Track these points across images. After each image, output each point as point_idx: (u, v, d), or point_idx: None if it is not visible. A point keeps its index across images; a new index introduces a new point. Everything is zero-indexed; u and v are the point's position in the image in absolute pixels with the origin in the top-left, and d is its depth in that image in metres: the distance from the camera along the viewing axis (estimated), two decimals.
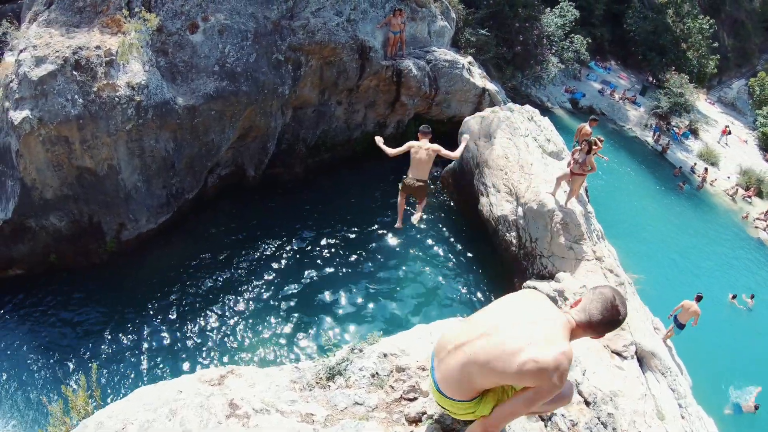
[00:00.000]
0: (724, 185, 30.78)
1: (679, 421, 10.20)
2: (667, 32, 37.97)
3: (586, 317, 2.89)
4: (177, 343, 10.92)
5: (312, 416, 3.65)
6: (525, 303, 3.04)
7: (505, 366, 2.77)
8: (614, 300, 2.86)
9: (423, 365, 4.08)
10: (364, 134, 18.09)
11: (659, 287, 16.96)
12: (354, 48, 15.44)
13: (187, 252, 13.00)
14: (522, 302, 3.06)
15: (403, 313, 12.11)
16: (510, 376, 2.81)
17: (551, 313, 2.93)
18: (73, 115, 10.88)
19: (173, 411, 3.51)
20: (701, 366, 14.53)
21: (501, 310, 3.04)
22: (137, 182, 12.27)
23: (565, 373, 2.75)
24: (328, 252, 13.55)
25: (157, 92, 11.83)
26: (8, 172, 11.66)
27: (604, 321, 2.87)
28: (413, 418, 3.70)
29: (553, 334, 2.80)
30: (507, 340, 2.81)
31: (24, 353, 10.50)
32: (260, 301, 12.07)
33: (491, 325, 2.93)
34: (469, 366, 2.90)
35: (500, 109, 15.92)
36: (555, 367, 2.70)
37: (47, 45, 11.08)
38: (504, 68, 25.20)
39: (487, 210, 13.92)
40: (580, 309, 2.94)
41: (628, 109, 35.09)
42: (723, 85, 46.28)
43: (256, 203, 14.84)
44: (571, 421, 5.21)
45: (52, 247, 12.03)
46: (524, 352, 2.74)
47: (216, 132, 13.17)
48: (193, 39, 12.64)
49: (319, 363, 4.31)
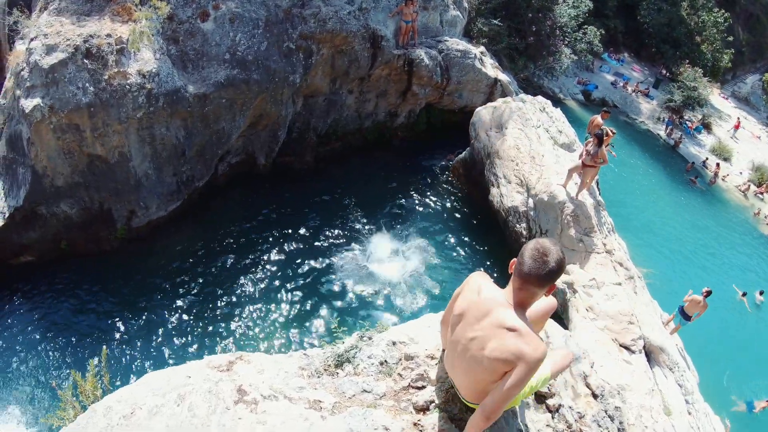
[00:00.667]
0: (737, 181, 30.49)
1: (686, 416, 10.16)
2: (682, 25, 37.55)
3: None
4: (186, 330, 10.98)
5: (320, 403, 3.65)
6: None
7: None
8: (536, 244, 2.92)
9: (432, 354, 4.07)
10: (375, 123, 18.06)
11: (669, 282, 16.88)
12: (365, 37, 15.37)
13: (197, 239, 13.05)
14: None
15: (413, 302, 12.12)
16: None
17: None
18: (84, 103, 10.91)
19: (182, 396, 3.52)
20: (709, 363, 14.47)
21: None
22: (148, 170, 12.31)
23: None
24: (338, 240, 13.57)
25: (168, 80, 11.84)
26: (19, 160, 11.73)
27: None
28: (421, 407, 3.69)
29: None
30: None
31: (34, 339, 10.61)
32: (270, 288, 12.11)
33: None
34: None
35: (512, 100, 15.82)
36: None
37: (58, 33, 11.10)
38: (516, 59, 25.00)
39: (497, 201, 13.86)
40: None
41: (641, 102, 34.78)
42: (737, 79, 45.75)
43: (266, 191, 14.86)
44: (578, 413, 5.19)
45: (63, 234, 12.11)
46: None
47: (227, 120, 13.18)
48: (204, 27, 12.62)
49: (327, 350, 4.30)
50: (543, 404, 4.80)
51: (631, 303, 11.25)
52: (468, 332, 3.06)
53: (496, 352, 2.89)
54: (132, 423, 3.34)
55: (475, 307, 3.09)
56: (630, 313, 10.95)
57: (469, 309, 3.12)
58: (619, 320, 10.86)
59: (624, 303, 11.13)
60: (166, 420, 3.34)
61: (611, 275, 11.73)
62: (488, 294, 3.10)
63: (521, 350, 2.84)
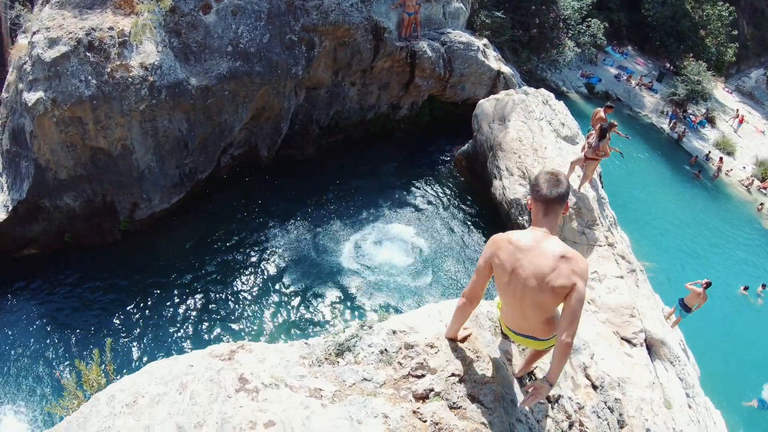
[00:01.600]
0: (740, 175, 30.40)
1: (686, 410, 10.18)
2: (686, 18, 37.35)
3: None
4: (189, 320, 11.04)
5: (320, 391, 3.69)
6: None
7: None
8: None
9: (431, 342, 4.09)
10: (377, 116, 18.05)
11: (671, 276, 16.87)
12: (368, 29, 15.34)
13: (200, 231, 13.09)
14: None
15: (414, 292, 12.16)
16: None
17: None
18: (86, 96, 10.93)
19: (183, 385, 3.56)
20: (712, 357, 14.49)
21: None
22: (150, 162, 12.34)
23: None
24: (340, 232, 13.61)
25: (170, 73, 11.85)
26: (23, 153, 11.76)
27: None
28: (421, 395, 3.72)
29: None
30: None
31: (38, 331, 10.68)
32: (272, 278, 12.17)
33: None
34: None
35: (515, 92, 15.77)
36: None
37: (60, 27, 11.11)
38: (519, 51, 24.92)
39: (500, 193, 13.85)
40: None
41: (645, 96, 34.63)
42: (741, 74, 45.49)
43: (268, 183, 14.89)
44: (577, 404, 5.22)
45: (67, 227, 12.16)
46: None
47: (229, 112, 13.19)
48: (206, 19, 12.62)
49: (328, 339, 4.33)
50: None
51: (632, 296, 11.25)
52: (526, 274, 3.42)
53: (559, 279, 3.34)
54: (134, 411, 3.37)
55: (520, 253, 3.45)
56: (631, 306, 10.95)
57: (516, 257, 3.46)
58: (621, 313, 10.86)
59: (625, 296, 11.13)
60: (168, 408, 3.38)
61: (613, 268, 11.73)
62: (522, 236, 3.51)
63: (575, 271, 3.35)
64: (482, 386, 3.90)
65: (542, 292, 3.39)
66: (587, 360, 6.01)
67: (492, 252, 3.58)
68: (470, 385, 3.88)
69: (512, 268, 3.46)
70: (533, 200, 3.50)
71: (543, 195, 3.42)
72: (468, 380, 3.90)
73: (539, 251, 3.40)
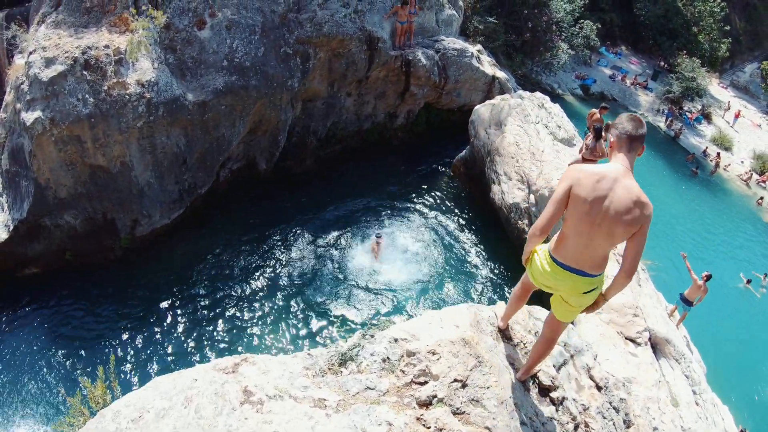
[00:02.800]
0: (738, 170, 30.45)
1: (693, 407, 10.16)
2: (678, 16, 37.56)
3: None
4: (192, 335, 11.05)
5: (324, 401, 3.71)
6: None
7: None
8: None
9: (433, 349, 4.11)
10: (374, 125, 18.11)
11: (673, 273, 16.86)
12: (362, 39, 15.43)
13: (201, 245, 13.12)
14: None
15: (415, 300, 12.16)
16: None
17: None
18: (84, 114, 11.00)
19: (188, 399, 3.58)
20: (719, 353, 14.46)
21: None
22: (150, 178, 12.39)
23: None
24: (340, 242, 13.63)
25: (167, 89, 11.92)
26: (22, 173, 11.81)
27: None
28: (424, 402, 3.74)
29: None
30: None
31: (43, 349, 10.69)
32: (273, 291, 12.18)
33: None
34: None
35: (510, 97, 15.83)
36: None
37: (56, 46, 11.19)
38: (513, 56, 25.05)
39: (499, 198, 13.88)
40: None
41: (640, 95, 34.77)
42: (735, 68, 45.64)
43: (268, 196, 14.94)
44: (582, 405, 5.23)
45: (68, 245, 12.19)
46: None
47: (227, 126, 13.25)
48: (201, 35, 12.70)
49: (331, 349, 4.36)
50: (547, 397, 4.84)
51: (635, 295, 11.25)
52: (609, 204, 3.71)
53: (635, 218, 3.68)
54: (140, 426, 3.40)
55: (606, 183, 3.74)
56: (634, 305, 10.95)
57: (601, 187, 3.74)
58: (624, 313, 10.85)
59: (628, 296, 11.12)
60: (174, 422, 3.40)
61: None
62: (606, 169, 3.81)
63: (647, 215, 3.70)
64: (485, 391, 3.91)
65: (619, 225, 3.69)
66: (590, 361, 6.02)
67: (571, 183, 3.83)
68: (473, 390, 3.90)
69: (595, 197, 3.72)
70: (617, 138, 3.85)
71: (630, 132, 3.81)
72: (470, 385, 3.92)
73: (623, 186, 3.71)
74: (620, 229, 3.71)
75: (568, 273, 3.96)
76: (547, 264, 4.08)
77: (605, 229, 3.74)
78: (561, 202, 3.87)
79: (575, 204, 3.80)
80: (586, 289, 4.00)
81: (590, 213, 3.74)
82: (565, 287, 4.05)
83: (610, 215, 3.69)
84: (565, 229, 3.95)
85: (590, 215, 3.75)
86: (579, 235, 3.85)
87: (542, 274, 4.11)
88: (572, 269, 3.93)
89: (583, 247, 3.87)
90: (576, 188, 3.79)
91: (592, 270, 3.93)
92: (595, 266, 3.92)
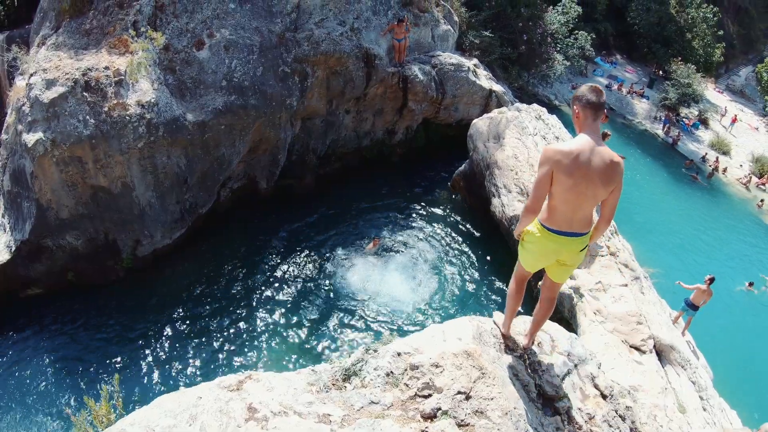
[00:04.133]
0: (737, 174, 30.50)
1: (701, 413, 10.12)
2: (671, 23, 37.85)
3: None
4: (196, 354, 11.04)
5: (329, 417, 3.72)
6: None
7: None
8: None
9: (436, 362, 4.13)
10: (373, 142, 18.19)
11: (676, 279, 16.84)
12: (359, 56, 15.55)
13: (203, 265, 13.15)
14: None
15: (418, 315, 12.15)
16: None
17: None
18: (85, 136, 11.09)
19: (193, 416, 3.60)
20: (726, 358, 14.39)
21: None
22: (151, 199, 12.45)
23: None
24: (341, 259, 13.64)
25: (167, 109, 12.02)
26: (24, 194, 11.88)
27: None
28: (428, 414, 3.75)
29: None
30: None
31: (46, 369, 10.69)
32: (276, 308, 12.18)
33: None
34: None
35: (508, 110, 15.93)
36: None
37: (57, 68, 11.31)
38: (509, 69, 25.21)
39: (499, 211, 13.91)
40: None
41: (637, 103, 34.93)
42: (730, 72, 45.95)
43: (269, 214, 14.97)
44: (588, 414, 5.22)
45: (70, 266, 12.23)
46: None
47: (227, 146, 13.33)
48: (199, 56, 12.83)
49: (335, 365, 4.37)
50: (551, 407, 4.85)
51: (638, 303, 11.25)
52: (591, 171, 4.16)
53: (612, 177, 4.21)
54: None
55: (583, 155, 4.16)
56: (638, 313, 10.95)
57: (580, 160, 4.15)
58: (628, 321, 10.85)
59: (631, 304, 11.13)
60: None
61: (617, 277, 11.74)
62: (578, 143, 4.21)
63: (619, 173, 4.25)
64: (489, 402, 3.92)
65: (600, 187, 4.21)
66: (595, 370, 6.01)
67: (552, 165, 4.23)
68: (477, 402, 3.91)
69: (577, 171, 4.15)
70: (582, 109, 4.22)
71: (593, 102, 4.17)
72: (474, 397, 3.93)
73: (597, 154, 4.16)
74: (602, 190, 4.24)
75: (564, 237, 4.40)
76: (540, 236, 4.50)
77: (590, 193, 4.23)
78: (545, 183, 4.27)
79: (560, 181, 4.24)
80: (581, 247, 4.49)
81: (575, 185, 4.19)
82: (564, 250, 4.48)
83: (592, 182, 4.17)
84: (553, 202, 4.36)
85: (575, 187, 4.20)
86: (567, 203, 4.30)
87: (543, 247, 4.54)
88: (567, 233, 4.38)
89: (572, 213, 4.33)
90: (558, 169, 4.20)
91: (583, 229, 4.42)
92: (584, 225, 4.42)
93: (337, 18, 15.22)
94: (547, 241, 4.46)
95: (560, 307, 11.44)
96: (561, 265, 4.68)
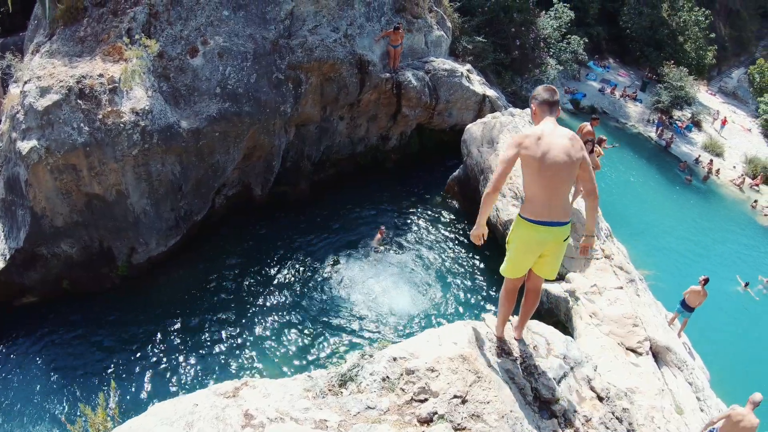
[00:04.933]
0: (731, 175, 30.67)
1: (698, 414, 10.15)
2: (663, 26, 38.09)
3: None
4: (191, 361, 11.01)
5: (326, 422, 3.72)
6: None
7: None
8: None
9: (432, 366, 4.14)
10: (367, 148, 18.20)
11: (671, 281, 16.91)
12: (353, 63, 15.58)
13: (198, 272, 13.11)
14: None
15: (413, 319, 12.15)
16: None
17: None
18: (79, 143, 11.07)
19: (189, 424, 3.59)
20: (723, 359, 14.43)
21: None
22: (146, 206, 12.42)
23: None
24: (336, 265, 13.63)
25: (161, 117, 12.01)
26: (18, 202, 11.85)
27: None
28: (424, 419, 3.76)
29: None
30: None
31: (43, 377, 10.64)
32: (271, 315, 12.16)
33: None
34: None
35: (501, 115, 15.97)
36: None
37: (51, 75, 11.30)
38: (503, 74, 25.31)
39: (493, 215, 13.94)
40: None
41: (630, 106, 35.12)
42: (723, 75, 46.23)
43: (264, 221, 14.95)
44: (584, 416, 5.23)
45: (65, 274, 12.17)
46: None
47: (221, 153, 13.32)
48: (193, 63, 12.84)
49: (331, 370, 4.38)
50: (548, 410, 4.86)
51: (634, 306, 11.28)
52: (557, 152, 4.37)
53: (577, 152, 4.47)
54: None
55: (546, 139, 4.41)
56: (633, 315, 10.97)
57: (544, 143, 4.40)
58: (624, 324, 10.88)
59: (627, 306, 11.15)
60: None
61: (612, 280, 11.77)
62: (539, 129, 4.51)
63: (581, 146, 4.52)
64: (485, 406, 3.93)
65: (570, 165, 4.40)
66: (591, 372, 6.03)
67: (518, 148, 4.48)
68: (473, 406, 3.92)
69: (542, 152, 4.36)
70: (538, 106, 4.63)
71: (547, 99, 4.61)
72: (471, 401, 3.94)
73: (558, 134, 4.44)
74: (573, 168, 4.43)
75: (546, 227, 4.52)
76: (526, 227, 4.65)
77: (563, 173, 4.41)
78: (509, 161, 4.54)
79: (528, 165, 4.48)
80: (564, 236, 4.63)
81: (543, 167, 4.38)
82: (548, 241, 4.61)
83: (560, 161, 4.36)
84: (529, 192, 4.59)
85: (544, 169, 4.38)
86: (543, 188, 4.47)
87: (527, 240, 4.69)
88: (548, 222, 4.51)
89: (549, 199, 4.48)
90: (524, 152, 4.44)
91: (564, 218, 4.56)
92: (564, 214, 4.56)
93: (330, 24, 15.26)
94: (529, 231, 4.60)
95: (556, 311, 11.46)
96: (544, 257, 4.82)
